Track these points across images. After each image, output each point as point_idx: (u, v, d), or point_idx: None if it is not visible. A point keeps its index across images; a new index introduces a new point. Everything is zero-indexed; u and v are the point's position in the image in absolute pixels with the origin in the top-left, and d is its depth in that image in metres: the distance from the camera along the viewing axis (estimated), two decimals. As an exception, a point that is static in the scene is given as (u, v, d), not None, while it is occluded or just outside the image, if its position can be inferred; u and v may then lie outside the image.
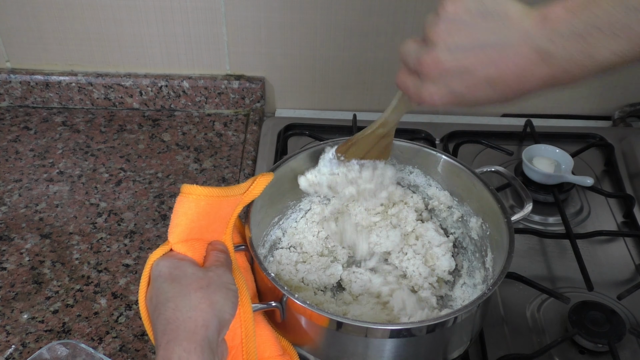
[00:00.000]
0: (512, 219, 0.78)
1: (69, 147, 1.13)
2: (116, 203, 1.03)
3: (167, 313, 0.60)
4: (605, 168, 1.12)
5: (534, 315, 0.87)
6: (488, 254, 0.82)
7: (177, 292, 0.62)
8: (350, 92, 1.22)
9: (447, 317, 0.68)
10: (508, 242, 0.74)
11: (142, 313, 0.66)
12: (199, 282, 0.63)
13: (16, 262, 0.93)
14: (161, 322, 0.60)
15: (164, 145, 1.14)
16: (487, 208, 0.82)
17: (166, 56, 1.19)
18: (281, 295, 0.70)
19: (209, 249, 0.69)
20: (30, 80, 1.19)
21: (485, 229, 0.83)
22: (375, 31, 1.14)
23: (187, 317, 0.60)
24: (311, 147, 0.86)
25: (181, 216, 0.66)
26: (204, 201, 0.66)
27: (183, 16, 1.13)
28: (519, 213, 0.82)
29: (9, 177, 1.06)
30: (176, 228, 0.67)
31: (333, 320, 0.68)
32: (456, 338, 0.74)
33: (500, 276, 0.71)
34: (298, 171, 0.85)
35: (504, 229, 0.76)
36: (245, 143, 1.15)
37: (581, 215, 1.02)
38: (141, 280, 0.66)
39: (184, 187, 0.66)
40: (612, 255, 0.96)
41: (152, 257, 0.66)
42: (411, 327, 0.69)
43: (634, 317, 0.86)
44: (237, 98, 1.21)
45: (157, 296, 0.63)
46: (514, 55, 0.55)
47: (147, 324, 0.66)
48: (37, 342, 0.83)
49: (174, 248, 0.67)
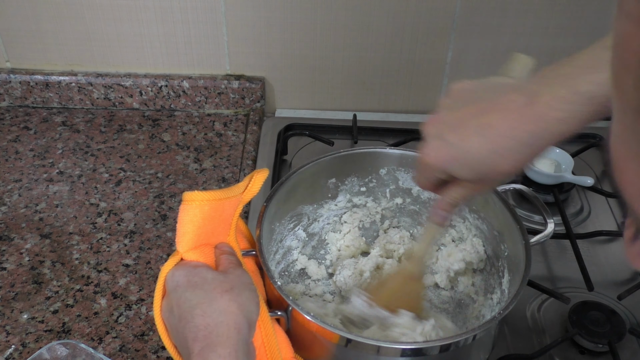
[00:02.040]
0: (532, 241, 0.77)
1: (69, 147, 1.13)
2: (116, 203, 1.02)
3: (196, 320, 0.59)
4: (605, 168, 1.12)
5: (534, 315, 0.87)
6: (505, 275, 0.80)
7: (202, 298, 0.61)
8: (350, 92, 1.22)
9: (460, 337, 0.67)
10: (525, 264, 0.73)
11: (158, 327, 0.65)
12: (222, 285, 0.62)
13: (16, 262, 0.93)
14: (190, 330, 0.59)
15: (164, 145, 1.14)
16: (505, 227, 0.80)
17: (166, 56, 1.19)
18: (286, 304, 0.69)
19: (217, 253, 0.68)
20: (30, 80, 1.19)
21: (503, 249, 0.82)
22: (375, 31, 1.14)
23: (218, 321, 0.59)
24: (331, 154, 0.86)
25: (187, 224, 0.65)
26: (208, 206, 0.65)
27: (183, 16, 1.13)
28: (539, 235, 0.81)
29: (9, 177, 1.06)
30: (184, 237, 0.65)
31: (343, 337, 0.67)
32: (473, 357, 0.73)
33: (514, 299, 0.70)
34: (316, 177, 0.86)
35: (520, 250, 0.75)
36: (245, 143, 1.15)
37: (581, 215, 1.02)
38: (155, 294, 0.65)
39: (185, 195, 0.65)
40: (612, 255, 0.96)
41: (164, 269, 0.65)
42: (423, 346, 0.68)
43: (634, 317, 0.86)
44: (237, 98, 1.21)
45: (179, 306, 0.61)
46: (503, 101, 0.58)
47: (164, 337, 0.65)
48: (37, 342, 0.83)
49: (184, 257, 0.66)
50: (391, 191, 0.92)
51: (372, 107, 1.23)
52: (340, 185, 0.90)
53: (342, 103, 1.24)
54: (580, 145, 1.12)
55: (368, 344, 0.66)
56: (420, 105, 1.23)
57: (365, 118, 1.19)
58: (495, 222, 0.83)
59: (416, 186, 0.90)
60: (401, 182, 0.91)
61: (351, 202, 0.92)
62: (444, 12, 1.11)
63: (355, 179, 0.90)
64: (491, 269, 0.84)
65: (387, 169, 0.90)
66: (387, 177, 0.91)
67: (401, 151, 0.89)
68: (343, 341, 0.67)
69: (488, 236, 0.85)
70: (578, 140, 1.15)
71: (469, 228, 0.88)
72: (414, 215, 0.93)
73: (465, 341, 0.68)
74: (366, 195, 0.92)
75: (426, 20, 1.12)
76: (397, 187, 0.91)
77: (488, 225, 0.85)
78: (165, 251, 0.95)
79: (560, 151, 1.05)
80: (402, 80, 1.20)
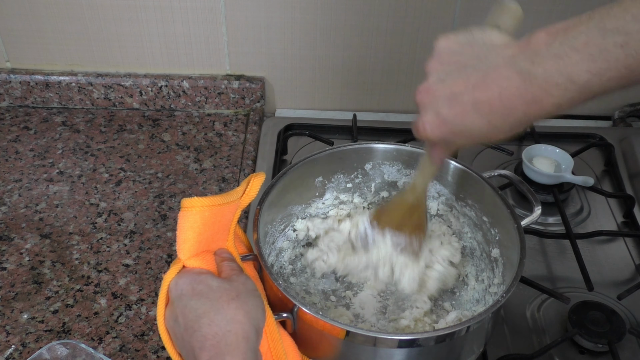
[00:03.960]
0: (522, 224, 0.77)
1: (69, 147, 1.13)
2: (116, 203, 1.03)
3: (203, 329, 0.59)
4: (605, 168, 1.12)
5: (534, 315, 0.87)
6: (499, 260, 0.81)
7: (209, 307, 0.60)
8: (350, 92, 1.22)
9: (457, 328, 0.67)
10: (519, 248, 0.73)
11: (162, 336, 0.64)
12: (228, 293, 0.61)
13: (16, 262, 0.93)
14: (197, 339, 0.59)
15: (164, 145, 1.14)
16: (496, 213, 0.81)
17: (166, 56, 1.19)
18: (292, 305, 0.69)
19: (217, 260, 0.68)
20: (30, 80, 1.19)
21: (494, 233, 0.83)
22: (375, 31, 1.14)
23: (226, 330, 0.58)
24: (318, 153, 0.86)
25: (188, 231, 0.64)
26: (208, 212, 0.65)
27: (183, 16, 1.13)
28: (528, 218, 0.81)
29: (9, 177, 1.06)
30: (185, 244, 0.65)
31: (342, 330, 0.67)
32: (467, 348, 0.73)
33: (512, 283, 0.70)
34: (304, 177, 0.86)
35: (514, 234, 0.76)
36: (245, 143, 1.15)
37: (581, 215, 1.02)
38: (158, 303, 0.65)
39: (184, 202, 0.64)
40: (612, 255, 0.96)
41: (167, 278, 0.64)
42: (420, 337, 0.68)
43: (634, 317, 0.86)
44: (237, 98, 1.21)
45: (184, 315, 0.61)
46: (497, 77, 0.57)
47: (169, 346, 0.64)
48: (37, 342, 0.83)
49: (186, 264, 0.65)
50: (376, 185, 0.92)
51: (372, 107, 1.23)
52: (327, 183, 0.90)
53: (342, 103, 1.24)
54: (580, 145, 1.12)
55: (365, 335, 0.67)
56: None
57: (365, 118, 1.19)
58: (484, 208, 0.84)
59: (401, 179, 0.91)
60: (386, 176, 0.91)
61: (338, 199, 0.92)
62: (444, 12, 1.11)
63: (342, 176, 0.91)
64: (481, 254, 0.85)
65: (372, 163, 0.90)
66: (373, 172, 0.91)
67: (385, 145, 0.89)
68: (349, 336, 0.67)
69: (477, 222, 0.86)
70: (578, 140, 1.15)
71: (457, 216, 0.89)
72: None
73: (459, 332, 0.68)
74: (352, 192, 0.92)
75: (426, 20, 1.12)
76: (382, 180, 0.92)
77: (477, 211, 0.85)
78: (165, 251, 0.95)
79: (560, 151, 1.05)
80: (402, 81, 1.20)
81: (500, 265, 0.81)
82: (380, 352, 0.68)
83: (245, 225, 0.97)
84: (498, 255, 0.81)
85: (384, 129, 1.16)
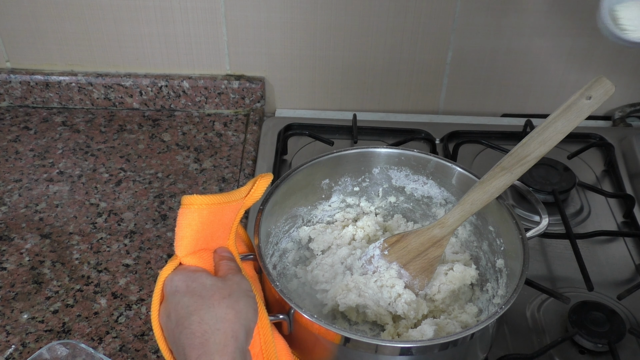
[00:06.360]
0: (528, 235, 0.77)
1: (69, 147, 1.13)
2: (116, 203, 1.03)
3: (193, 327, 0.59)
4: (605, 168, 1.12)
5: (534, 315, 0.87)
6: (503, 271, 0.81)
7: (200, 304, 0.60)
8: (350, 92, 1.22)
9: (459, 336, 0.67)
10: (522, 259, 0.73)
11: (155, 331, 0.64)
12: (220, 292, 0.62)
13: (16, 262, 0.93)
14: (187, 336, 0.59)
15: (164, 145, 1.14)
16: (502, 223, 0.81)
17: (166, 56, 1.19)
18: (288, 307, 0.69)
19: (216, 258, 0.68)
20: (30, 80, 1.19)
21: (499, 244, 0.82)
22: (375, 31, 1.14)
23: (215, 329, 0.59)
24: (323, 156, 0.86)
25: (185, 228, 0.65)
26: (207, 210, 0.65)
27: (183, 16, 1.13)
28: (534, 229, 0.80)
29: (9, 177, 1.06)
30: (182, 241, 0.65)
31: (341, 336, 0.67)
32: (471, 355, 0.73)
33: (513, 294, 0.70)
34: (310, 179, 0.86)
35: (518, 245, 0.75)
36: (245, 143, 1.15)
37: (581, 215, 1.02)
38: (153, 299, 0.65)
39: (184, 199, 0.64)
40: (612, 255, 0.96)
41: (162, 274, 0.65)
42: (421, 345, 0.68)
43: (634, 317, 0.86)
44: (237, 98, 1.21)
45: (176, 311, 0.61)
46: None
47: (161, 343, 0.64)
48: (37, 342, 0.83)
49: (183, 261, 0.66)
50: (384, 190, 0.92)
51: (372, 107, 1.23)
52: (334, 185, 0.90)
53: (342, 103, 1.24)
54: (580, 145, 1.12)
55: (366, 342, 0.67)
56: (420, 105, 1.23)
57: (365, 118, 1.19)
58: (490, 218, 0.83)
59: (409, 184, 0.90)
60: (394, 181, 0.91)
61: (345, 202, 0.92)
62: (444, 12, 1.11)
63: (349, 179, 0.90)
64: (487, 264, 0.85)
65: (380, 167, 0.90)
66: (380, 176, 0.91)
67: (393, 150, 0.89)
68: (345, 341, 0.67)
69: (483, 232, 0.85)
70: (578, 140, 1.15)
71: (464, 224, 0.88)
72: (408, 214, 0.93)
73: (463, 340, 0.68)
74: (359, 195, 0.92)
75: (426, 20, 1.12)
76: (390, 185, 0.91)
77: (482, 220, 0.85)
78: (165, 251, 0.95)
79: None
80: (402, 80, 1.20)
81: (504, 276, 0.80)
82: (381, 359, 0.68)
83: (245, 225, 0.97)
84: (502, 265, 0.81)
85: (384, 129, 1.16)
